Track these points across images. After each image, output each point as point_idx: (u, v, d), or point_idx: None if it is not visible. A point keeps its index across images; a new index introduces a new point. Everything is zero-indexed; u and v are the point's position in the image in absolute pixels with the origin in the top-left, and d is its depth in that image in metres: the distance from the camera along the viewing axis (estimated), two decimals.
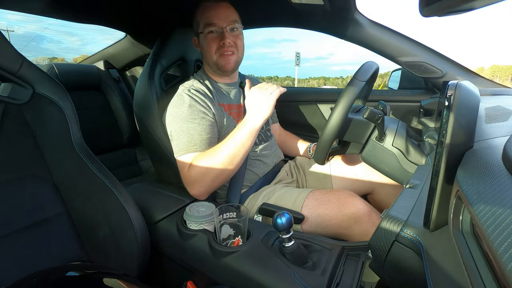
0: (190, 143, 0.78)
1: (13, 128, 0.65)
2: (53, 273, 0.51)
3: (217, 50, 0.85)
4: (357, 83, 0.72)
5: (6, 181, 0.62)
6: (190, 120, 0.80)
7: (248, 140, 0.76)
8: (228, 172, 0.77)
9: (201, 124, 0.80)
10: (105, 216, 0.67)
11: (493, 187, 0.29)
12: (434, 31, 42.91)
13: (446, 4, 0.25)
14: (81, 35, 32.43)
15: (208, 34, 0.85)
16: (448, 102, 0.37)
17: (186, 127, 0.80)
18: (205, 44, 0.87)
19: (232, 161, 0.76)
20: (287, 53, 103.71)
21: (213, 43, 0.85)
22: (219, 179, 0.78)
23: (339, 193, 0.78)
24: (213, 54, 0.86)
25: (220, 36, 0.85)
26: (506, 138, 0.36)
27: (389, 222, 0.43)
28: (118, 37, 1.47)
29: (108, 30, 1.31)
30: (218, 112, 0.86)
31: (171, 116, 0.83)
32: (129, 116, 1.59)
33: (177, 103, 0.83)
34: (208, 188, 0.79)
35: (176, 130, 0.81)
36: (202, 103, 0.82)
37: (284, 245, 0.59)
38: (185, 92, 0.83)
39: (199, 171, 0.76)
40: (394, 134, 0.75)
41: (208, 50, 0.87)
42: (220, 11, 0.85)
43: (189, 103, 0.81)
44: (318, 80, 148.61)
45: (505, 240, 0.22)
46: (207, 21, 0.84)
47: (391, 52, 1.05)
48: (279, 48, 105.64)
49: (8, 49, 0.64)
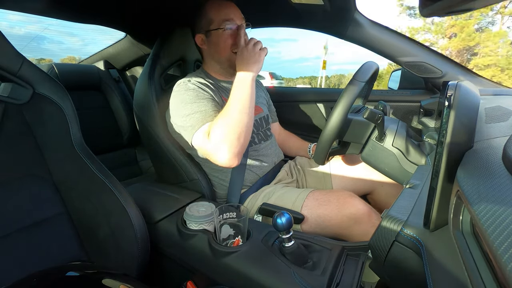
0: (205, 115, 0.78)
1: (13, 128, 0.65)
2: (53, 273, 0.51)
3: (232, 46, 0.87)
4: (357, 84, 0.72)
5: (6, 181, 0.62)
6: (198, 99, 0.80)
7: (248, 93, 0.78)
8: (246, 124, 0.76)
9: (210, 102, 0.81)
10: (105, 216, 0.67)
11: (493, 187, 0.29)
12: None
13: (446, 4, 0.25)
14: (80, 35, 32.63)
15: (225, 30, 0.86)
16: (448, 102, 0.37)
17: (197, 105, 0.79)
18: (221, 40, 0.87)
19: (245, 110, 0.76)
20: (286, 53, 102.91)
21: (230, 39, 0.86)
22: (242, 134, 0.75)
23: (339, 194, 0.78)
24: (228, 49, 0.87)
25: (235, 33, 0.86)
26: (506, 138, 0.36)
27: (389, 222, 0.43)
28: (119, 37, 1.47)
29: (108, 30, 1.31)
30: (222, 105, 0.85)
31: (177, 104, 0.82)
32: (129, 116, 1.59)
33: (180, 91, 0.83)
34: (236, 147, 0.75)
35: (185, 114, 0.79)
36: (205, 91, 0.83)
37: (284, 245, 0.59)
38: (187, 82, 0.84)
39: (220, 133, 0.74)
40: (394, 134, 0.75)
41: (223, 46, 0.87)
42: (235, 9, 0.88)
43: (193, 87, 0.82)
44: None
45: (505, 240, 0.22)
46: (225, 17, 0.85)
47: (391, 52, 1.05)
48: (279, 47, 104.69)
49: (8, 49, 0.64)
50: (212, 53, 0.91)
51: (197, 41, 0.93)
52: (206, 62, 0.95)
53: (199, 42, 0.92)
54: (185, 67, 1.06)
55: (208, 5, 0.87)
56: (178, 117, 0.82)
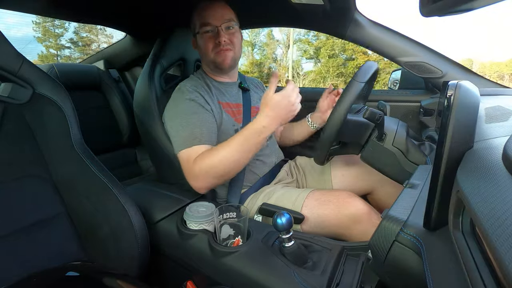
0: (191, 136, 0.78)
1: (13, 128, 0.65)
2: (53, 273, 0.51)
3: (213, 48, 0.87)
4: (357, 84, 0.72)
5: (6, 181, 0.62)
6: (190, 114, 0.80)
7: (258, 143, 0.74)
8: (232, 171, 0.76)
9: (201, 117, 0.80)
10: (105, 216, 0.67)
11: (493, 187, 0.29)
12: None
13: (446, 4, 0.25)
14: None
15: (204, 33, 0.86)
16: (448, 102, 0.37)
17: (186, 121, 0.79)
18: (202, 44, 0.88)
19: (239, 161, 0.75)
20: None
21: (209, 42, 0.86)
22: (223, 177, 0.77)
23: (339, 194, 0.78)
24: (209, 53, 0.87)
25: (216, 35, 0.86)
26: (506, 138, 0.36)
27: (389, 222, 0.43)
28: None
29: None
30: (217, 109, 0.86)
31: (171, 112, 0.84)
32: (129, 116, 1.59)
33: (176, 98, 0.84)
34: (210, 184, 0.78)
35: (176, 125, 0.81)
36: (201, 98, 0.83)
37: (284, 245, 0.59)
38: (184, 88, 0.84)
39: (203, 167, 0.74)
40: (394, 134, 0.75)
41: (205, 50, 0.88)
42: (215, 11, 0.86)
43: (188, 97, 0.82)
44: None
45: (505, 240, 0.22)
46: (202, 21, 0.86)
47: (391, 52, 1.05)
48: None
49: (8, 49, 0.64)
50: (201, 55, 0.93)
51: (192, 44, 0.96)
52: (202, 63, 0.98)
53: (193, 44, 0.95)
54: (185, 67, 1.06)
55: (196, 8, 0.89)
56: (169, 122, 0.84)
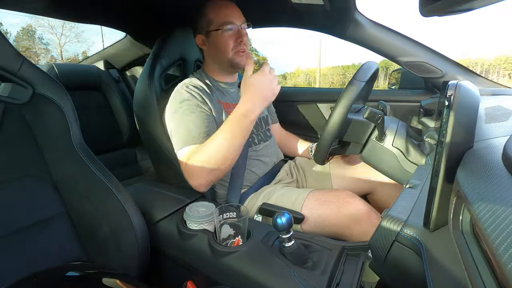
0: (188, 136, 0.78)
1: (13, 128, 0.65)
2: (53, 273, 0.51)
3: (234, 47, 0.87)
4: (357, 84, 0.72)
5: (6, 181, 0.62)
6: (188, 113, 0.80)
7: (245, 127, 0.75)
8: (225, 163, 0.76)
9: (199, 117, 0.80)
10: (105, 216, 0.67)
11: (493, 187, 0.29)
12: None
13: (446, 4, 0.25)
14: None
15: (225, 32, 0.86)
16: (448, 102, 0.37)
17: (184, 120, 0.80)
18: (221, 42, 0.87)
19: (229, 149, 0.74)
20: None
21: (230, 40, 0.86)
22: (216, 171, 0.77)
23: (338, 193, 0.78)
24: (229, 51, 0.87)
25: (236, 34, 0.86)
26: (506, 138, 0.36)
27: (389, 222, 0.43)
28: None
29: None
30: (217, 108, 0.86)
31: (170, 112, 0.84)
32: (129, 116, 1.59)
33: (175, 98, 0.84)
34: (206, 180, 0.78)
35: (174, 125, 0.81)
36: (199, 98, 0.83)
37: (284, 245, 0.58)
38: (183, 88, 0.84)
39: (197, 164, 0.75)
40: (394, 134, 0.75)
41: (224, 48, 0.87)
42: (235, 10, 0.88)
43: (186, 97, 0.82)
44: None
45: (505, 240, 0.22)
46: (225, 19, 0.85)
47: (391, 52, 1.05)
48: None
49: (8, 49, 0.63)
50: (212, 53, 0.91)
51: (197, 42, 0.93)
52: (206, 62, 0.95)
53: (200, 42, 0.92)
54: (185, 67, 1.06)
55: (209, 5, 0.87)
56: (168, 122, 0.84)
